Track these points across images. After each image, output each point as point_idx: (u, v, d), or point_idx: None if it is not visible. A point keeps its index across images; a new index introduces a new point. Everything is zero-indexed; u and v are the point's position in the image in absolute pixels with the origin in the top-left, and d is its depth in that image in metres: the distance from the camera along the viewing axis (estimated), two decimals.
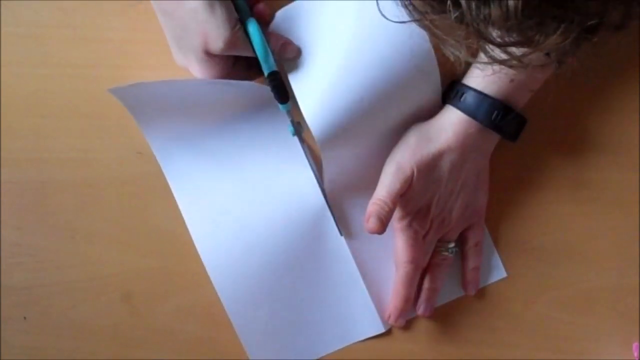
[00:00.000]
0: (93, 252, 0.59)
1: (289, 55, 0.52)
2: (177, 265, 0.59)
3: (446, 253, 0.57)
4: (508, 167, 0.58)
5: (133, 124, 0.57)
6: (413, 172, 0.53)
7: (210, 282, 0.58)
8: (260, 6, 0.52)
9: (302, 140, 0.56)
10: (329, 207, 0.57)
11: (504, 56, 0.36)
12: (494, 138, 0.55)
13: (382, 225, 0.52)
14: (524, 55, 0.35)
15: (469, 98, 0.53)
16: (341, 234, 0.57)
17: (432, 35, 0.36)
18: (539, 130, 0.57)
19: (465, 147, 0.53)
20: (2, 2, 0.57)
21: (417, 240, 0.55)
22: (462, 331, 0.60)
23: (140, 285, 0.59)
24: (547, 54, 0.36)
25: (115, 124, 0.58)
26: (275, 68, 0.51)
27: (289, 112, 0.54)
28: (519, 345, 0.60)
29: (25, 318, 0.59)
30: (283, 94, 0.52)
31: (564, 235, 0.59)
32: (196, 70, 0.51)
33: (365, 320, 0.58)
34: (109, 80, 0.57)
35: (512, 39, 0.34)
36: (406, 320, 0.58)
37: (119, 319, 0.59)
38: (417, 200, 0.54)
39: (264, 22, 0.52)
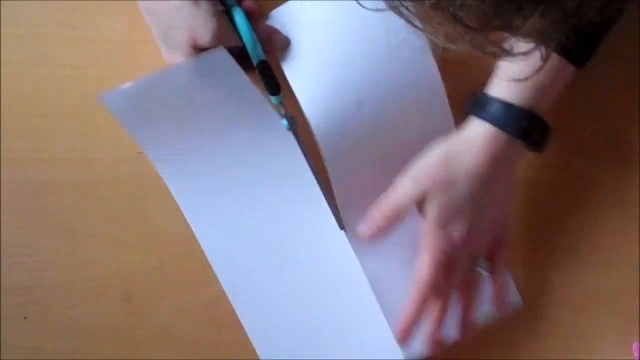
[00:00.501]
0: (93, 252, 0.59)
1: (277, 44, 0.52)
2: (177, 265, 0.59)
3: (478, 269, 0.55)
4: None
5: None
6: (429, 190, 0.51)
7: (210, 282, 0.58)
8: (247, 2, 0.52)
9: (297, 134, 0.54)
10: (338, 221, 0.56)
11: (485, 44, 0.34)
12: (520, 149, 0.53)
13: (372, 236, 0.54)
14: (505, 39, 0.34)
15: (494, 108, 0.51)
16: (343, 229, 0.56)
17: (409, 23, 0.35)
18: None
19: (494, 161, 0.51)
20: (2, 2, 0.57)
21: (443, 258, 0.52)
22: None
23: (140, 285, 0.59)
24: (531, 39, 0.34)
25: (115, 124, 0.57)
26: (263, 57, 0.50)
27: (281, 105, 0.53)
28: (519, 345, 0.60)
29: (25, 318, 0.59)
30: (273, 85, 0.51)
31: (564, 235, 0.59)
32: None
33: (381, 344, 0.57)
34: (109, 80, 0.57)
35: (490, 24, 0.33)
36: (442, 349, 0.56)
37: (119, 319, 0.59)
38: (444, 219, 0.52)
39: (253, 16, 0.52)
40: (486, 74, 0.54)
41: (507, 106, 0.51)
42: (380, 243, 0.55)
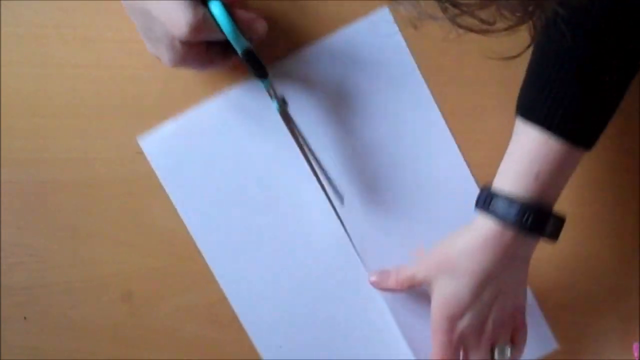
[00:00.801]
0: (93, 252, 0.59)
1: (257, 31, 0.51)
2: (177, 265, 0.59)
3: (498, 358, 0.54)
4: None
5: (133, 123, 0.57)
6: (435, 279, 0.52)
7: (210, 282, 0.58)
8: None
9: (288, 117, 0.54)
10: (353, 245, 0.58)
11: (467, 19, 0.33)
12: (532, 242, 0.51)
13: (377, 287, 0.57)
14: (482, 6, 0.32)
15: (497, 203, 0.49)
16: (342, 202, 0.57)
17: None
18: None
19: (502, 258, 0.50)
20: (2, 2, 0.57)
21: (449, 346, 0.52)
22: None
23: (140, 285, 0.59)
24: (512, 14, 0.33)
25: (115, 124, 0.58)
26: (247, 46, 0.50)
27: (270, 88, 0.53)
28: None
29: (25, 318, 0.59)
30: (261, 69, 0.51)
31: (564, 235, 0.59)
32: (166, 59, 0.49)
33: (384, 342, 0.58)
34: (109, 80, 0.57)
35: None
36: None
37: (119, 319, 0.59)
38: (448, 310, 0.52)
39: (231, 5, 0.50)
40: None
41: (509, 199, 0.49)
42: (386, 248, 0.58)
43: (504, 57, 0.43)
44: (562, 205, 0.59)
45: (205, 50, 0.50)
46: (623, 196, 0.59)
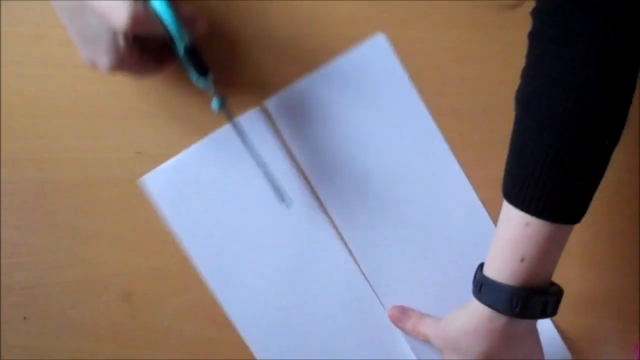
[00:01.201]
0: (93, 252, 0.59)
1: (198, 28, 0.49)
2: (177, 265, 0.59)
3: None
4: None
5: (133, 123, 0.57)
6: (445, 352, 0.53)
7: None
8: None
9: (229, 114, 0.54)
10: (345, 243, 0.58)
11: None
12: (529, 321, 0.50)
13: (394, 323, 0.58)
14: None
15: (486, 289, 0.48)
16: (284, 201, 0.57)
17: None
18: None
19: (498, 339, 0.49)
20: (2, 2, 0.57)
21: None
22: None
23: (140, 285, 0.59)
24: None
25: (115, 124, 0.58)
26: (190, 42, 0.48)
27: (211, 86, 0.52)
28: None
29: (25, 318, 0.59)
30: (203, 67, 0.50)
31: None
32: (105, 61, 0.47)
33: (376, 338, 0.59)
34: (109, 80, 0.57)
35: None
36: None
37: (119, 319, 0.59)
38: None
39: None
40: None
41: (498, 286, 0.48)
42: (379, 244, 0.58)
43: (503, 5, 0.42)
44: None
45: (140, 55, 0.48)
46: (623, 196, 0.59)
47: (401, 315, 0.58)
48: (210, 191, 0.57)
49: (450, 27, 0.57)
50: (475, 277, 0.51)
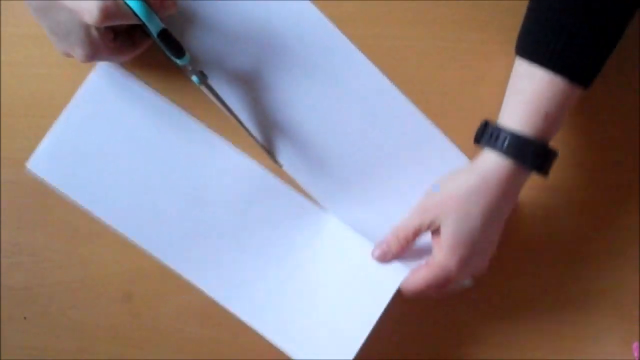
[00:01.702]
0: (93, 252, 0.59)
1: (169, 8, 0.50)
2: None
3: (464, 283, 0.56)
4: None
5: None
6: (444, 218, 0.51)
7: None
8: None
9: (210, 88, 0.54)
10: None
11: None
12: (528, 177, 0.52)
13: (384, 259, 0.56)
14: None
15: (510, 141, 0.50)
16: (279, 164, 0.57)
17: None
18: None
19: (505, 193, 0.51)
20: (2, 2, 0.57)
21: (443, 280, 0.52)
22: (462, 331, 0.60)
23: (140, 285, 0.59)
24: None
25: None
26: (163, 26, 0.49)
27: (188, 65, 0.53)
28: (519, 345, 0.60)
29: (25, 318, 0.59)
30: (179, 49, 0.51)
31: (564, 235, 0.59)
32: (80, 53, 0.49)
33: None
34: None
35: None
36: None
37: (119, 319, 0.59)
38: (458, 247, 0.51)
39: None
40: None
41: (523, 139, 0.50)
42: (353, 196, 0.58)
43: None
44: (562, 204, 0.59)
45: (114, 40, 0.50)
46: (623, 196, 0.59)
47: (382, 248, 0.56)
48: (95, 152, 0.57)
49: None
50: (486, 133, 0.51)
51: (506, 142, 0.50)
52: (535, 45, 0.50)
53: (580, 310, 0.59)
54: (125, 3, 0.46)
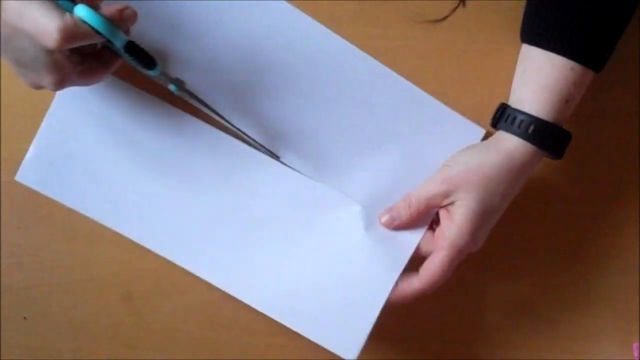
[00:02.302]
0: (93, 252, 0.59)
1: (130, 18, 0.48)
2: (177, 265, 0.59)
3: None
4: None
5: None
6: (461, 193, 0.51)
7: (210, 283, 0.58)
8: None
9: (189, 93, 0.53)
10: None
11: None
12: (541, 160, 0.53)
13: (391, 225, 0.54)
14: None
15: (537, 127, 0.50)
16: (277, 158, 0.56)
17: None
18: None
19: (525, 175, 0.52)
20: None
21: (458, 260, 0.52)
22: (462, 331, 0.60)
23: (140, 285, 0.59)
24: None
25: None
26: (128, 38, 0.47)
27: (162, 74, 0.52)
28: (519, 345, 0.60)
29: (25, 318, 0.59)
30: (148, 60, 0.49)
31: (564, 235, 0.59)
32: (48, 81, 0.46)
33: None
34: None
35: None
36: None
37: (119, 319, 0.59)
38: (476, 226, 0.51)
39: (93, 6, 0.47)
40: None
41: (549, 125, 0.51)
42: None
43: (430, 20, 0.43)
44: (562, 203, 0.59)
45: (82, 62, 0.48)
46: (623, 196, 0.59)
47: (392, 214, 0.54)
48: (82, 154, 0.56)
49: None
50: (506, 115, 0.52)
51: (532, 128, 0.50)
52: (553, 32, 0.50)
53: (580, 310, 0.59)
54: (84, 21, 0.44)
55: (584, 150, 0.58)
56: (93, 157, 0.57)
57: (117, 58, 0.50)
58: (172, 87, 0.53)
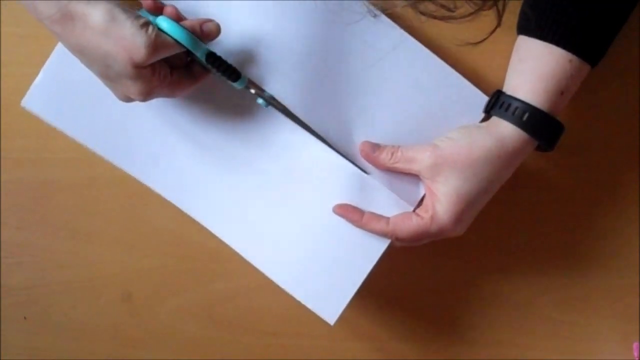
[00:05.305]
0: (93, 252, 0.59)
1: (212, 31, 0.50)
2: (177, 265, 0.59)
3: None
4: None
5: None
6: (448, 169, 0.51)
7: (210, 282, 0.58)
8: (169, 8, 0.49)
9: (280, 107, 0.53)
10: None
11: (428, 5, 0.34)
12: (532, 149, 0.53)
13: (366, 157, 0.54)
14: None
15: (531, 115, 0.50)
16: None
17: None
18: None
19: (514, 163, 0.52)
20: (2, 2, 0.57)
21: (430, 233, 0.51)
22: (461, 331, 0.60)
23: (140, 285, 0.59)
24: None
25: None
26: (209, 49, 0.49)
27: (248, 87, 0.52)
28: (519, 345, 0.60)
29: (25, 318, 0.59)
30: (232, 72, 0.50)
31: (564, 234, 0.59)
32: (136, 92, 0.48)
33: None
34: None
35: None
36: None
37: (119, 319, 0.59)
38: (460, 212, 0.51)
39: (176, 19, 0.49)
40: None
41: (543, 114, 0.50)
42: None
43: (469, 42, 0.43)
44: (562, 203, 0.59)
45: (170, 74, 0.49)
46: (623, 196, 0.59)
47: (373, 149, 0.54)
48: (90, 86, 0.53)
49: None
50: (500, 102, 0.52)
51: (526, 116, 0.50)
52: (554, 25, 0.50)
53: (580, 310, 0.59)
54: (166, 33, 0.46)
55: (584, 150, 0.59)
56: (101, 89, 0.53)
57: (204, 71, 0.51)
58: (260, 102, 0.52)
